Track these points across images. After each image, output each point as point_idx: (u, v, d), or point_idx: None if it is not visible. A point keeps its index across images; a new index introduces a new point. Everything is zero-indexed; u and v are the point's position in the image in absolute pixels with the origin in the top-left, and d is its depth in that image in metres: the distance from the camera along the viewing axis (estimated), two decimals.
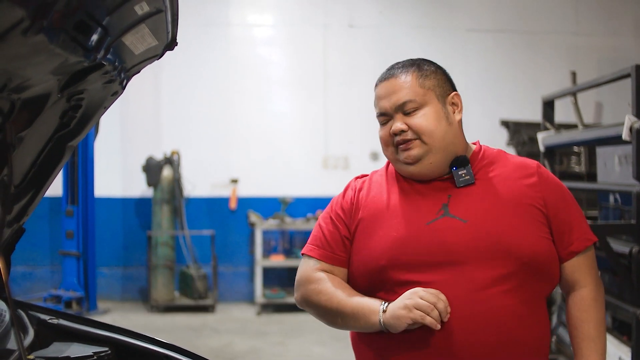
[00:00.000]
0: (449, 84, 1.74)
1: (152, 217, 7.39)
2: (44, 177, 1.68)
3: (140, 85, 6.85)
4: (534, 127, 6.00)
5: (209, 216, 7.79)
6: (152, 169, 7.26)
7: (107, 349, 1.70)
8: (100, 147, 7.26)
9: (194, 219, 7.61)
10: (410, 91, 1.67)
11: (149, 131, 7.83)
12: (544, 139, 4.76)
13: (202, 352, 2.00)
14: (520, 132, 7.16)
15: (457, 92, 1.75)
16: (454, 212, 1.65)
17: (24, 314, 1.75)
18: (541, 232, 1.65)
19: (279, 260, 7.41)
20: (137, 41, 1.46)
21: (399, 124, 1.66)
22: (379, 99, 1.72)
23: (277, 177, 7.80)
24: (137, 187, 7.65)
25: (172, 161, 7.33)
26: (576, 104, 4.78)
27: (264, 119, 7.87)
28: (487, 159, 1.74)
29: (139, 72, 1.69)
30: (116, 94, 1.65)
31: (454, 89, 1.75)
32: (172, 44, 1.61)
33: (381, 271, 1.64)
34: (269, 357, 5.62)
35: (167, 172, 7.29)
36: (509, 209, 1.65)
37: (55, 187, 6.74)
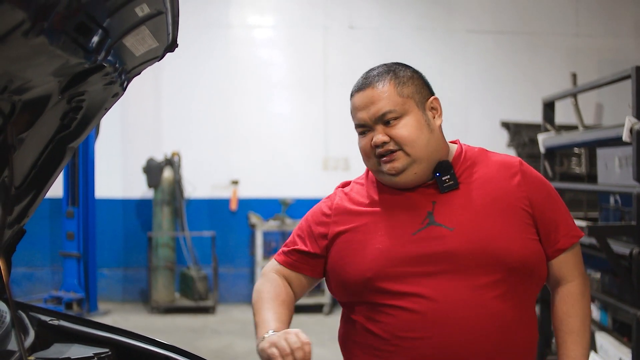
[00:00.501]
0: (427, 89, 1.69)
1: (152, 218, 7.40)
2: (45, 179, 1.68)
3: (140, 86, 6.85)
4: (535, 128, 6.01)
5: (210, 217, 7.80)
6: (152, 170, 7.26)
7: (107, 350, 1.70)
8: (100, 148, 7.26)
9: (195, 220, 7.61)
10: (389, 101, 1.62)
11: (149, 132, 7.83)
12: (544, 140, 4.76)
13: (202, 353, 2.00)
14: (520, 134, 7.17)
15: (436, 96, 1.70)
16: (439, 220, 1.62)
17: (24, 315, 1.75)
18: (528, 235, 1.64)
19: None
20: (138, 43, 1.46)
21: (380, 136, 1.61)
22: (356, 109, 1.66)
23: (277, 178, 7.80)
24: (138, 189, 7.66)
25: (172, 162, 7.34)
26: (577, 105, 4.77)
27: (264, 120, 7.87)
28: (469, 160, 1.71)
29: (140, 73, 1.69)
30: (117, 96, 1.65)
31: (432, 92, 1.70)
32: (172, 46, 1.61)
33: (368, 283, 1.61)
34: None
35: (167, 173, 7.30)
36: (495, 213, 1.63)
37: (55, 188, 6.74)
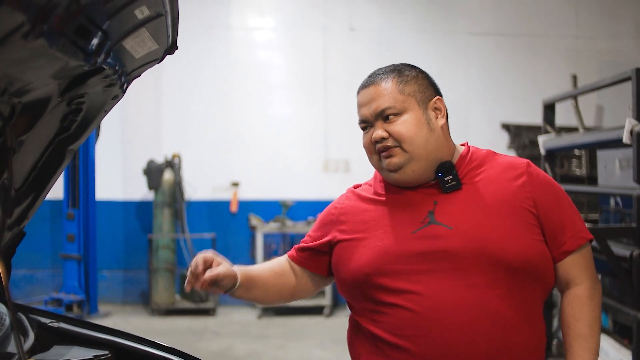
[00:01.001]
0: (431, 89, 1.71)
1: (153, 220, 7.40)
2: (45, 181, 1.68)
3: (141, 88, 6.86)
4: (535, 130, 6.01)
5: (210, 219, 7.79)
6: (153, 172, 7.27)
7: (107, 352, 1.70)
8: (101, 150, 7.26)
9: (195, 222, 7.61)
10: (389, 98, 1.65)
11: (149, 134, 7.83)
12: (544, 142, 4.77)
13: (202, 355, 2.00)
14: (521, 135, 7.18)
15: (440, 97, 1.71)
16: (439, 219, 1.63)
17: (24, 317, 1.75)
18: (532, 235, 1.63)
19: None
20: (138, 45, 1.47)
21: (379, 132, 1.65)
22: (360, 106, 1.71)
23: (277, 180, 7.80)
24: (138, 190, 7.66)
25: (173, 164, 7.34)
26: (577, 107, 4.77)
27: (264, 122, 7.87)
28: (475, 162, 1.71)
29: (140, 75, 1.69)
30: (117, 98, 1.65)
31: (438, 93, 1.72)
32: (172, 48, 1.61)
33: (367, 280, 1.63)
34: None
35: (168, 175, 7.30)
36: (498, 213, 1.63)
37: (56, 190, 6.74)
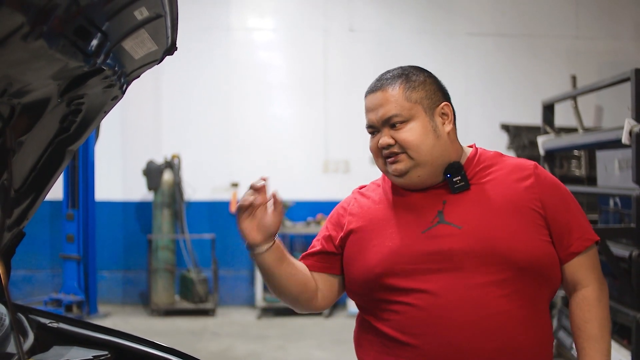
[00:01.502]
0: (439, 94, 1.70)
1: (152, 220, 7.40)
2: (44, 181, 1.68)
3: (140, 89, 6.86)
4: (535, 130, 6.01)
5: (210, 220, 7.79)
6: (152, 173, 7.27)
7: (106, 352, 1.70)
8: (100, 150, 7.26)
9: (195, 222, 7.61)
10: (396, 105, 1.65)
11: (149, 135, 7.83)
12: (544, 142, 4.77)
13: (202, 356, 2.01)
14: (520, 136, 7.17)
15: (448, 102, 1.71)
16: (448, 219, 1.64)
17: (23, 318, 1.75)
18: (540, 235, 1.64)
19: None
20: (137, 46, 1.47)
21: (385, 138, 1.67)
22: (367, 111, 1.72)
23: (277, 181, 7.74)
24: (138, 191, 7.66)
25: (172, 165, 7.34)
26: (576, 108, 4.78)
27: (264, 122, 7.87)
28: (483, 163, 1.73)
29: (139, 76, 1.69)
30: (116, 99, 1.65)
31: (446, 98, 1.71)
32: (171, 49, 1.62)
33: (377, 279, 1.64)
34: None
35: (167, 175, 7.30)
36: (505, 213, 1.64)
37: (55, 190, 6.74)
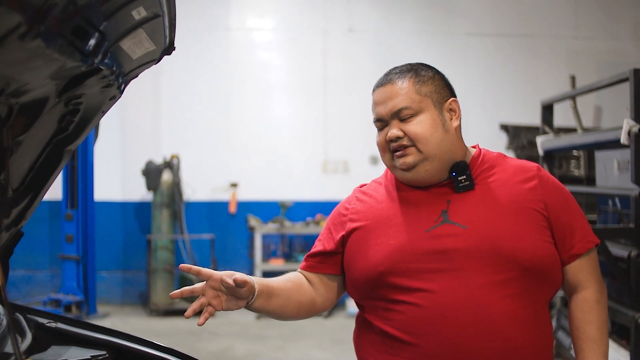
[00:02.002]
0: (447, 90, 1.72)
1: (151, 221, 7.39)
2: (42, 181, 1.68)
3: (140, 89, 6.87)
4: (534, 130, 6.01)
5: (209, 220, 7.79)
6: (151, 173, 7.26)
7: (104, 352, 1.70)
8: (99, 150, 7.26)
9: (194, 223, 7.61)
10: (406, 97, 1.65)
11: (148, 135, 7.83)
12: (543, 142, 4.77)
13: (201, 356, 2.00)
14: (519, 136, 7.16)
15: (455, 98, 1.72)
16: (453, 219, 1.64)
17: (22, 318, 1.75)
18: (543, 236, 1.64)
19: (278, 264, 7.38)
20: (135, 46, 1.47)
21: (394, 131, 1.65)
22: (375, 104, 1.71)
23: (276, 181, 7.80)
24: (137, 191, 7.65)
25: (171, 165, 7.34)
26: (575, 108, 4.78)
27: (263, 123, 7.87)
28: (486, 163, 1.73)
29: (137, 76, 1.69)
30: (114, 98, 1.65)
31: (453, 94, 1.73)
32: (169, 49, 1.61)
33: (380, 278, 1.64)
34: None
35: (166, 176, 7.29)
36: (509, 213, 1.64)
37: (54, 190, 6.74)
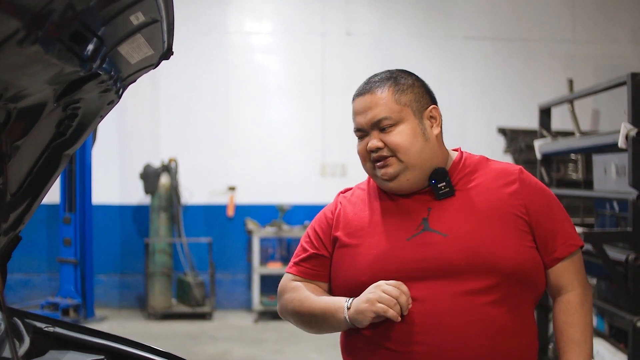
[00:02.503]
0: (427, 97, 1.71)
1: (149, 224, 7.39)
2: (40, 186, 1.68)
3: (138, 92, 6.86)
4: (531, 134, 6.03)
5: (207, 224, 7.79)
6: (149, 177, 7.26)
7: (102, 357, 1.70)
8: (97, 154, 7.26)
9: (192, 226, 7.61)
10: (386, 108, 1.65)
11: (146, 138, 7.83)
12: (540, 146, 4.77)
13: (199, 359, 2.00)
14: (517, 140, 7.18)
15: (436, 106, 1.72)
16: (433, 226, 1.64)
17: (20, 322, 1.75)
18: (524, 241, 1.64)
19: (276, 267, 7.39)
20: (133, 51, 1.47)
21: (374, 141, 1.65)
22: (355, 114, 1.71)
23: (274, 184, 7.80)
24: (135, 195, 7.65)
25: (169, 169, 7.33)
26: (573, 112, 4.78)
27: (261, 126, 7.88)
28: (468, 168, 1.73)
29: (135, 81, 1.70)
30: (112, 103, 1.66)
31: (433, 101, 1.73)
32: (167, 54, 1.62)
33: (363, 288, 1.62)
34: None
35: (164, 179, 7.29)
36: (490, 219, 1.64)
37: (52, 194, 6.73)
